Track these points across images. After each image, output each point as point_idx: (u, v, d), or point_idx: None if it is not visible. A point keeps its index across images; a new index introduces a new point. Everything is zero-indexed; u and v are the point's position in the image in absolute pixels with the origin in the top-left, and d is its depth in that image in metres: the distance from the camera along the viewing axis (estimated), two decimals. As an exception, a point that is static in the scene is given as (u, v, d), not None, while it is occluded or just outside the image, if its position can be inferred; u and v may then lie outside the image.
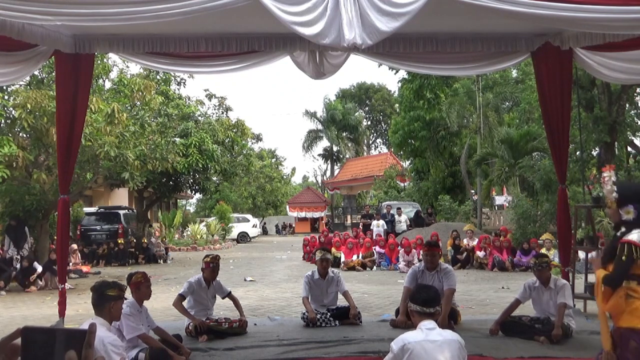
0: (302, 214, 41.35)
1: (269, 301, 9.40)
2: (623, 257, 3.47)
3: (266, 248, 25.46)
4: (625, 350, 3.36)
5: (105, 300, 3.78)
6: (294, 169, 55.46)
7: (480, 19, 5.49)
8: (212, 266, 6.42)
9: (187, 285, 6.37)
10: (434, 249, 6.78)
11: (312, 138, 47.61)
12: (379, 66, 22.85)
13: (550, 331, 5.64)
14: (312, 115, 46.91)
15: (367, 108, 53.00)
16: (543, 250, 13.20)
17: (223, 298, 6.71)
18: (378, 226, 17.92)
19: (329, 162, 50.87)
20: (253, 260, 18.27)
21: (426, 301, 3.50)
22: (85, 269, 14.56)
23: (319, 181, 54.22)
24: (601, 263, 3.73)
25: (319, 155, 50.56)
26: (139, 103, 13.21)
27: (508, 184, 23.13)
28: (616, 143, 15.99)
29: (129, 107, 13.16)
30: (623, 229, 3.62)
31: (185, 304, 6.30)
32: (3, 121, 11.44)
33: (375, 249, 15.08)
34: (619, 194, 3.69)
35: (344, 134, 47.93)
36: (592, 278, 8.23)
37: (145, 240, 18.58)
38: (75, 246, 14.67)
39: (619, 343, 3.44)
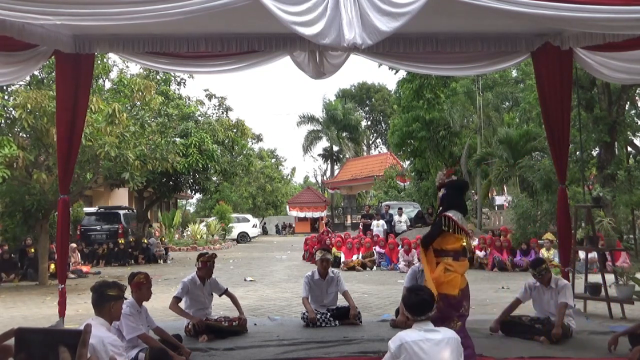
0: (302, 214, 41.31)
1: (269, 301, 9.40)
2: (443, 227, 4.67)
3: (266, 248, 25.45)
4: (438, 308, 4.32)
5: (106, 300, 3.78)
6: (294, 169, 55.48)
7: (480, 19, 5.49)
8: (208, 265, 6.44)
9: (181, 285, 6.36)
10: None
11: (312, 138, 47.61)
12: (379, 66, 22.80)
13: (551, 331, 5.63)
14: (310, 118, 46.82)
15: (367, 108, 52.98)
16: (543, 251, 13.21)
17: (220, 295, 6.70)
18: (378, 226, 17.92)
19: (329, 162, 50.87)
20: (253, 260, 18.27)
21: (414, 308, 3.53)
22: (85, 269, 14.59)
23: (319, 181, 54.20)
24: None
25: (319, 155, 50.63)
26: (139, 103, 13.20)
27: (508, 184, 23.11)
28: (616, 143, 15.99)
29: (129, 107, 13.15)
30: (441, 208, 4.91)
31: (182, 304, 6.30)
32: (3, 121, 11.42)
33: (375, 249, 15.09)
34: (439, 181, 5.07)
35: (344, 134, 47.93)
36: (592, 278, 8.27)
37: (146, 240, 18.58)
38: (75, 246, 14.68)
39: (437, 304, 4.46)
